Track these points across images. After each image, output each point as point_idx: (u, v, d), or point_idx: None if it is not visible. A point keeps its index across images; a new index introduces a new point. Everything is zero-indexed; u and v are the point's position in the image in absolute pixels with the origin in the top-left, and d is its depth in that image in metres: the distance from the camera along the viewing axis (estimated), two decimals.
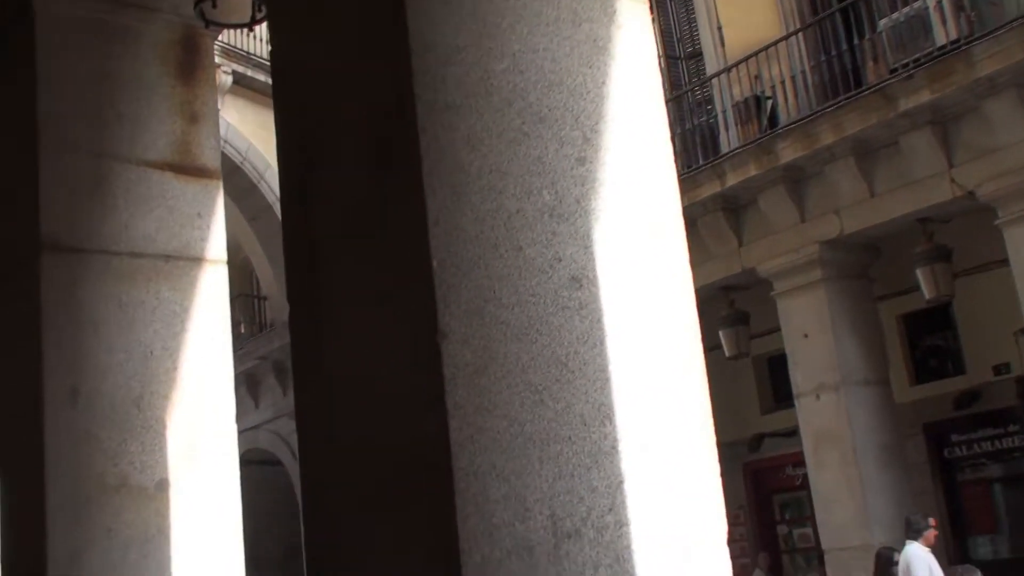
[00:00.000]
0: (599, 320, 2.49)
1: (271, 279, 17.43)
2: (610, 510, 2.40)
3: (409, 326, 2.40)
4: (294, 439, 13.48)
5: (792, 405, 13.66)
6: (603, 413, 2.45)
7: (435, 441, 2.28)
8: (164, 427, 4.41)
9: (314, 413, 2.74)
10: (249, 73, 16.54)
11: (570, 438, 2.40)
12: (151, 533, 4.33)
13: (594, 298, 2.50)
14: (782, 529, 16.98)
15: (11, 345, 4.62)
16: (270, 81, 3.18)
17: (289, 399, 17.26)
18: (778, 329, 13.83)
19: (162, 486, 4.37)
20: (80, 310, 4.31)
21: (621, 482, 2.43)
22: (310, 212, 2.79)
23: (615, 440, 2.44)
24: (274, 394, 17.58)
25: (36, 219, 4.30)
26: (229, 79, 16.04)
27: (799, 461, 14.27)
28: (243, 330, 18.66)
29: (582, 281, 2.50)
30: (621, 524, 2.40)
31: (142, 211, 4.46)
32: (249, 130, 16.11)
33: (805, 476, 14.15)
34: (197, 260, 4.58)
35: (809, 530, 15.45)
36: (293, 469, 17.92)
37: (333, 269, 2.69)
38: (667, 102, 2.81)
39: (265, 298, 18.17)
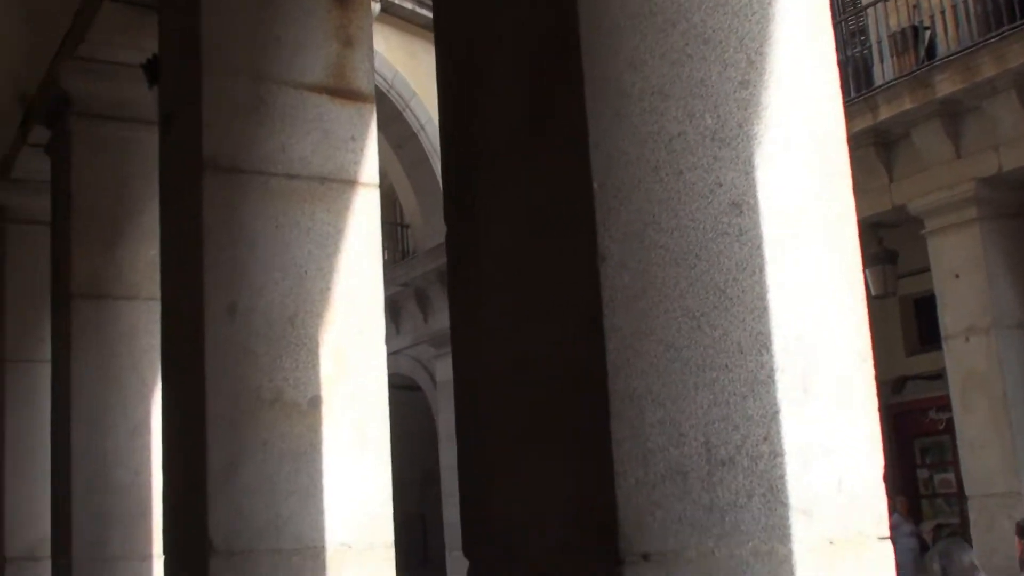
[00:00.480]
0: (759, 247, 2.45)
1: (414, 207, 17.63)
2: (765, 439, 2.37)
3: (568, 248, 2.40)
4: (434, 365, 13.79)
5: (938, 347, 13.28)
6: (760, 342, 2.41)
7: (592, 364, 2.29)
8: (317, 345, 4.53)
9: (468, 335, 2.78)
10: (396, 1, 16.62)
11: (726, 366, 2.38)
12: (304, 447, 4.47)
13: (754, 224, 2.46)
14: (922, 473, 16.63)
15: (178, 262, 4.80)
16: (417, 9, 3.19)
17: (430, 325, 17.56)
18: (927, 269, 13.41)
19: (315, 403, 4.50)
20: (239, 229, 4.44)
21: (776, 412, 2.40)
22: (469, 133, 2.80)
23: (771, 370, 2.41)
24: (415, 320, 17.87)
25: (199, 140, 4.44)
26: (377, 7, 16.12)
27: (943, 405, 13.91)
28: (385, 257, 18.97)
29: (742, 207, 2.45)
30: (776, 454, 2.38)
31: (299, 133, 4.55)
32: (396, 58, 16.19)
33: (949, 420, 13.79)
34: (350, 183, 4.66)
35: (951, 475, 15.11)
36: (432, 395, 18.26)
37: (490, 191, 2.70)
38: None
39: (408, 226, 18.41)
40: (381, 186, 4.93)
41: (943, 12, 13.21)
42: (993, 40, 12.07)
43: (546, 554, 2.41)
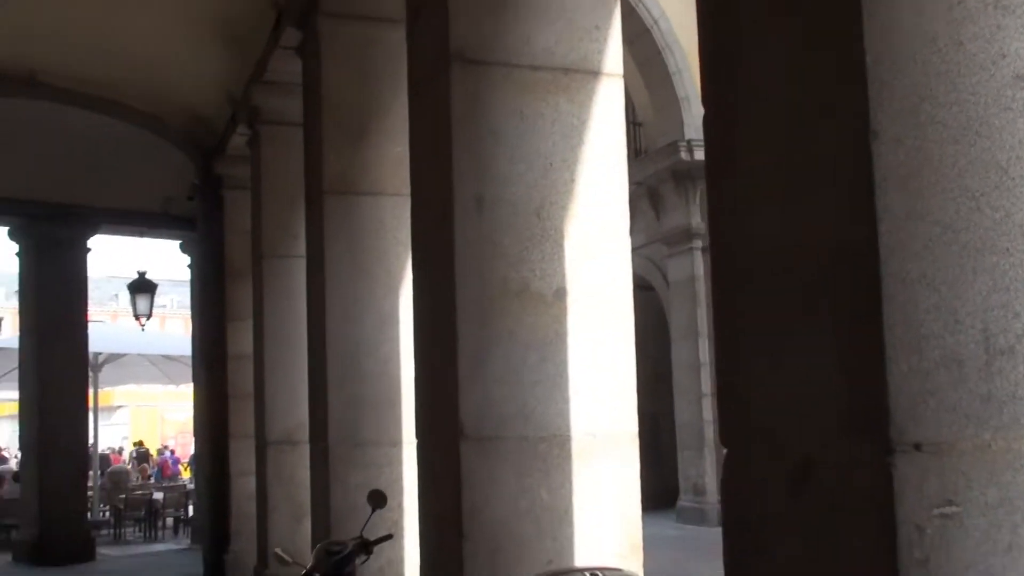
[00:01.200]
0: None
1: (646, 104, 17.40)
2: None
3: (837, 125, 2.29)
4: (666, 264, 13.65)
5: None
6: None
7: (863, 246, 2.19)
8: (562, 237, 4.55)
9: (729, 223, 2.71)
10: None
11: (1008, 249, 2.23)
12: (549, 338, 4.53)
13: None
14: None
15: (426, 155, 4.90)
16: None
17: (663, 224, 17.43)
18: None
19: (560, 294, 4.54)
20: (484, 121, 4.48)
21: None
22: (727, 3, 2.70)
23: None
24: (647, 220, 17.73)
25: (446, 33, 4.47)
26: None
27: None
28: None
29: None
30: None
31: (542, 23, 4.52)
32: None
33: None
34: (594, 73, 4.61)
35: None
36: (665, 294, 18.19)
37: (751, 69, 2.60)
38: None
39: (640, 124, 18.20)
40: None
41: None
42: None
43: (811, 443, 2.35)
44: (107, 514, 18.20)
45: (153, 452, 32.53)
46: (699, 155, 16.29)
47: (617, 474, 4.64)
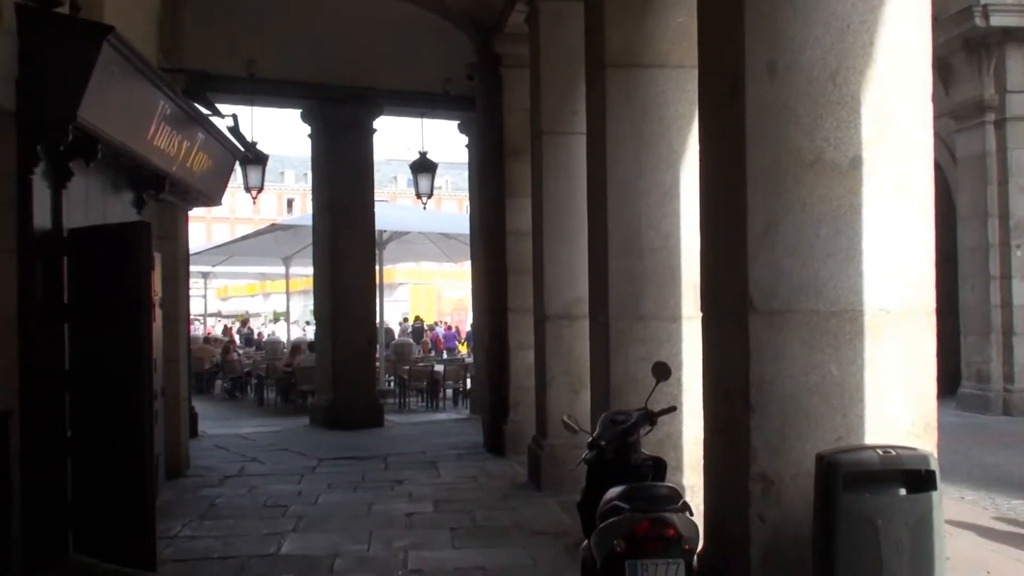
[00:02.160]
0: None
1: None
2: None
3: None
4: (954, 140, 12.82)
5: None
6: None
7: None
8: (858, 103, 4.35)
9: None
10: None
11: None
12: (843, 209, 4.38)
13: None
14: None
15: (717, 21, 4.77)
16: None
17: (952, 98, 16.37)
18: None
19: (855, 163, 4.36)
20: None
21: None
22: None
23: None
24: (935, 92, 16.73)
25: None
26: None
27: None
28: None
29: None
30: None
31: None
32: None
33: None
34: None
35: None
36: (951, 172, 17.21)
37: None
38: None
39: None
40: None
41: None
42: None
43: None
44: (392, 384, 19.24)
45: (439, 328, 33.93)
46: (996, 20, 15.14)
47: (911, 351, 4.48)
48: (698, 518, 4.46)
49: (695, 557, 4.20)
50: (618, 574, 4.07)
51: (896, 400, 4.47)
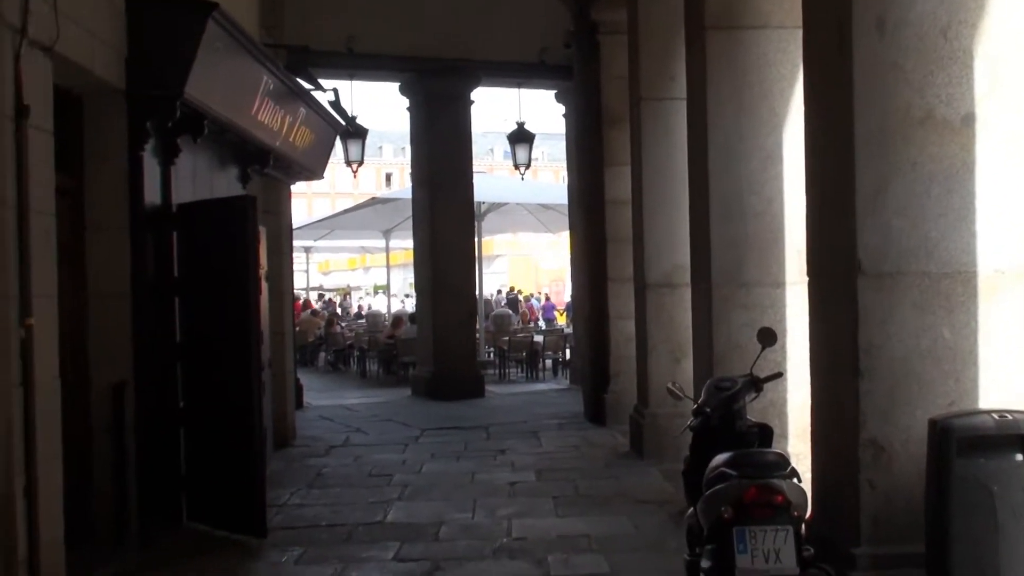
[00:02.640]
0: None
1: None
2: None
3: None
4: None
5: None
6: None
7: None
8: (971, 58, 4.23)
9: None
10: None
11: None
12: (955, 168, 4.27)
13: None
14: None
15: None
16: None
17: None
18: None
19: (968, 120, 4.24)
20: None
21: None
22: None
23: None
24: None
25: None
26: None
27: None
28: None
29: None
30: None
31: None
32: None
33: None
34: None
35: None
36: None
37: None
38: None
39: None
40: None
41: None
42: None
43: None
44: (492, 355, 19.33)
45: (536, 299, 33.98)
46: None
47: None
48: (805, 485, 4.40)
49: (803, 524, 4.14)
50: (725, 541, 4.03)
51: (1012, 363, 4.35)
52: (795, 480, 4.21)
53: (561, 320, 28.05)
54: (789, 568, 3.94)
